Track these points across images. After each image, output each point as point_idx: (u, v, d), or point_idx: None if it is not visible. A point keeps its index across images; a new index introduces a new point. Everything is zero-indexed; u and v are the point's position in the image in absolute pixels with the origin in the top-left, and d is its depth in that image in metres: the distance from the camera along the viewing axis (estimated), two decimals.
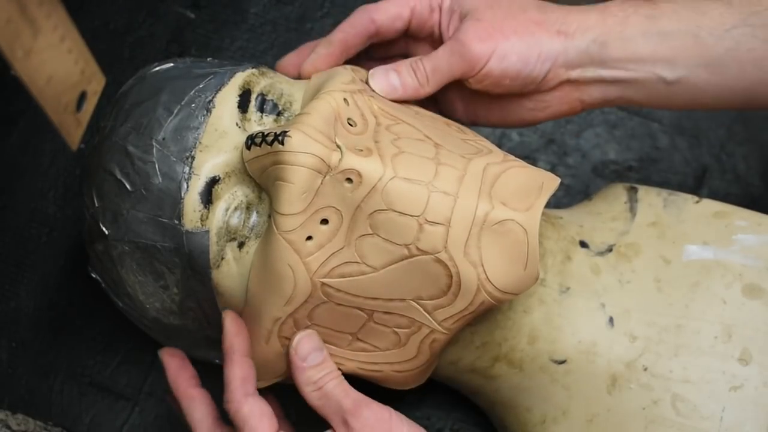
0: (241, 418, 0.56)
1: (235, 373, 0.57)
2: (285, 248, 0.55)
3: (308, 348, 0.58)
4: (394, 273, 0.55)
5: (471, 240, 0.54)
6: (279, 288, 0.56)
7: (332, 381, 0.57)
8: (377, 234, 0.55)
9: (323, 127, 0.55)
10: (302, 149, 0.53)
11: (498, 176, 0.56)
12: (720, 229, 0.63)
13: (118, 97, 0.63)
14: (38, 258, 0.77)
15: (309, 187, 0.54)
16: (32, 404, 0.73)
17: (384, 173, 0.54)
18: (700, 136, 0.79)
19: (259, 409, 0.57)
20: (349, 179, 0.54)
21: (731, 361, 0.60)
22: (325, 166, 0.54)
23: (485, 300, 0.56)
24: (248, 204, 0.58)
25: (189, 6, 0.83)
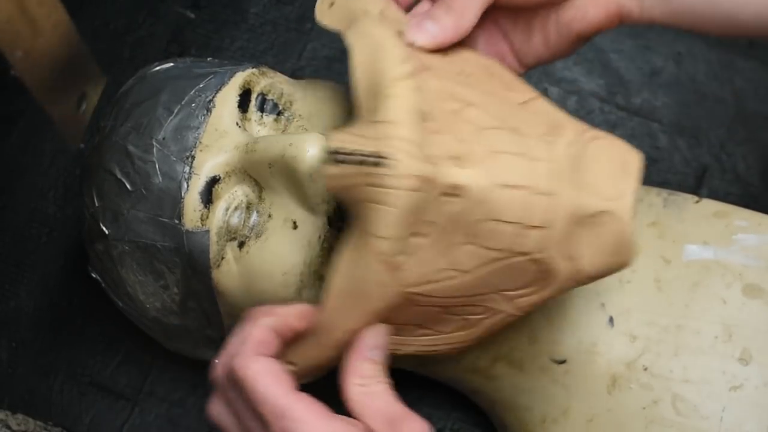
0: (246, 377, 0.50)
1: (254, 333, 0.51)
2: (378, 269, 0.51)
3: (376, 342, 0.53)
4: (484, 273, 0.53)
5: (568, 236, 0.53)
6: (365, 305, 0.53)
7: (382, 385, 0.53)
8: (473, 243, 0.52)
9: (418, 137, 0.50)
10: (407, 172, 0.49)
11: (581, 158, 0.54)
12: (720, 229, 0.63)
13: (118, 97, 0.63)
14: (38, 258, 0.77)
15: (411, 209, 0.50)
16: (32, 404, 0.73)
17: (485, 184, 0.51)
18: (700, 136, 0.79)
19: (273, 368, 0.50)
20: (449, 194, 0.50)
21: (731, 361, 0.60)
22: (429, 187, 0.50)
23: (572, 286, 0.54)
24: (248, 203, 0.58)
25: (189, 6, 0.83)
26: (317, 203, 0.57)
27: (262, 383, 0.49)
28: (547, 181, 0.52)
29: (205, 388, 0.73)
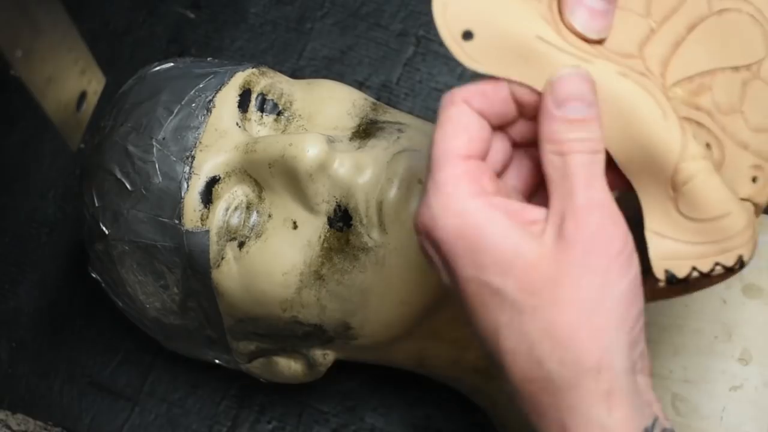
0: (443, 115, 0.43)
1: (485, 83, 0.44)
2: None
3: (570, 91, 0.43)
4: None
5: None
6: None
7: (584, 155, 0.42)
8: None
9: (752, 219, 0.45)
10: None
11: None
12: None
13: (118, 97, 0.63)
14: (38, 258, 0.77)
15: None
16: (32, 404, 0.73)
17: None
18: None
19: (466, 121, 0.43)
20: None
21: (731, 361, 0.60)
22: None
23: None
24: (248, 204, 0.58)
25: (189, 6, 0.83)
26: (317, 203, 0.57)
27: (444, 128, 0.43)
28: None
29: (205, 388, 0.73)
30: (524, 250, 0.41)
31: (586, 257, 0.41)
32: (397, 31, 0.81)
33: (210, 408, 0.72)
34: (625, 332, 0.41)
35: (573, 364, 0.41)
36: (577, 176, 0.42)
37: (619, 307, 0.41)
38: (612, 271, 0.41)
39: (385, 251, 0.56)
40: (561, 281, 0.41)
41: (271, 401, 0.72)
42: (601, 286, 0.41)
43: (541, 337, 0.41)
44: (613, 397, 0.41)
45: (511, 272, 0.41)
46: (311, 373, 0.65)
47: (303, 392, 0.71)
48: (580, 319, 0.41)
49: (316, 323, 0.60)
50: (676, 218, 0.44)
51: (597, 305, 0.41)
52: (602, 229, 0.41)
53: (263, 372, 0.66)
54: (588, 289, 0.41)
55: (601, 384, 0.41)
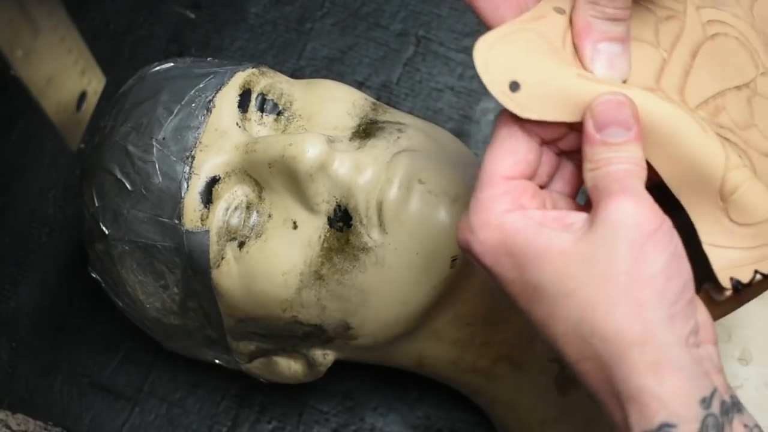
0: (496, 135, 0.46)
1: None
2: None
3: (609, 116, 0.44)
4: None
5: None
6: None
7: (622, 165, 0.44)
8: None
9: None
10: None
11: None
12: None
13: (118, 97, 0.63)
14: (38, 258, 0.77)
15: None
16: (32, 404, 0.73)
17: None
18: None
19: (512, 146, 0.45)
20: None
21: (731, 361, 0.60)
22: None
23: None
24: (248, 204, 0.58)
25: (189, 6, 0.83)
26: (317, 203, 0.57)
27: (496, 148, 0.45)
28: None
29: (205, 388, 0.73)
30: (556, 241, 0.43)
31: (618, 233, 0.42)
32: (397, 31, 0.81)
33: (210, 408, 0.72)
34: (666, 306, 0.42)
35: (615, 339, 0.42)
36: (615, 179, 0.44)
37: (656, 281, 0.42)
38: (647, 246, 0.42)
39: (385, 251, 0.56)
40: (596, 259, 0.42)
41: (271, 401, 0.72)
42: (636, 261, 0.42)
43: (582, 317, 0.42)
44: (661, 368, 0.42)
45: (547, 264, 0.43)
46: (311, 373, 0.65)
47: (303, 392, 0.71)
48: (617, 293, 0.42)
49: (316, 323, 0.60)
50: (729, 227, 0.46)
51: (632, 279, 0.42)
52: (636, 210, 0.42)
53: (263, 372, 0.66)
54: (623, 263, 0.42)
55: (647, 356, 0.42)
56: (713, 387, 0.43)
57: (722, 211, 0.46)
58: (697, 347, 0.44)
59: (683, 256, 0.43)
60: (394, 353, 0.63)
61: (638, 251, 0.42)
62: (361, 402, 0.72)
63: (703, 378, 0.43)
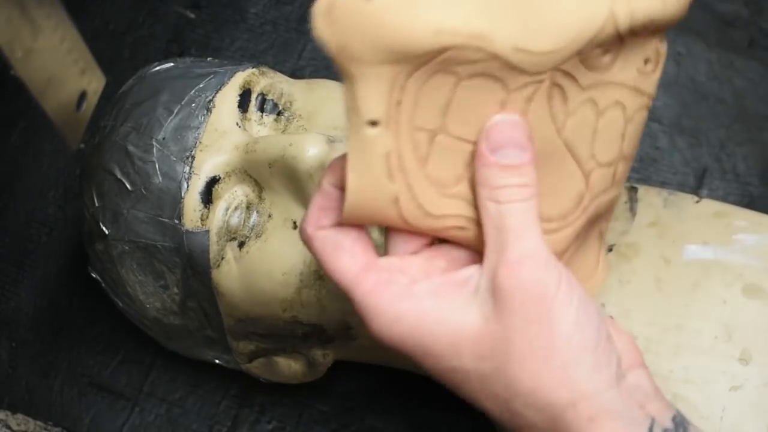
0: (314, 251, 0.46)
1: (315, 199, 0.46)
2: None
3: (506, 138, 0.44)
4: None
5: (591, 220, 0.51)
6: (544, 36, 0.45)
7: (519, 203, 0.43)
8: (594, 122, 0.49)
9: None
10: None
11: None
12: (720, 229, 0.63)
13: (118, 97, 0.63)
14: (38, 258, 0.77)
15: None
16: (32, 404, 0.73)
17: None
18: (700, 136, 0.79)
19: (332, 243, 0.45)
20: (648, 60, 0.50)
21: (731, 361, 0.60)
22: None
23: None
24: (248, 204, 0.58)
25: (189, 6, 0.83)
26: None
27: (326, 260, 0.45)
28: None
29: (205, 388, 0.73)
30: (465, 325, 0.43)
31: (525, 309, 0.42)
32: None
33: (210, 408, 0.72)
34: (588, 357, 0.43)
35: (548, 408, 0.42)
36: (511, 230, 0.43)
37: (572, 339, 0.43)
38: (554, 311, 0.43)
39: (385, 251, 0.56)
40: (509, 338, 0.42)
41: (271, 401, 0.72)
42: (549, 329, 0.42)
43: (510, 394, 0.43)
44: (597, 422, 0.42)
45: (462, 350, 0.43)
46: (311, 373, 0.65)
47: (303, 392, 0.71)
48: (539, 368, 0.42)
49: (316, 323, 0.60)
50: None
51: (550, 349, 0.42)
52: (535, 279, 0.42)
53: (263, 372, 0.66)
54: (537, 338, 0.42)
55: (582, 413, 0.42)
56: (650, 419, 0.43)
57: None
58: (624, 378, 0.44)
59: (584, 295, 0.44)
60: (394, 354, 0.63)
61: (548, 319, 0.42)
62: (361, 402, 0.72)
63: (638, 413, 0.43)
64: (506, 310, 0.42)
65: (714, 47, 0.81)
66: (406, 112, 0.44)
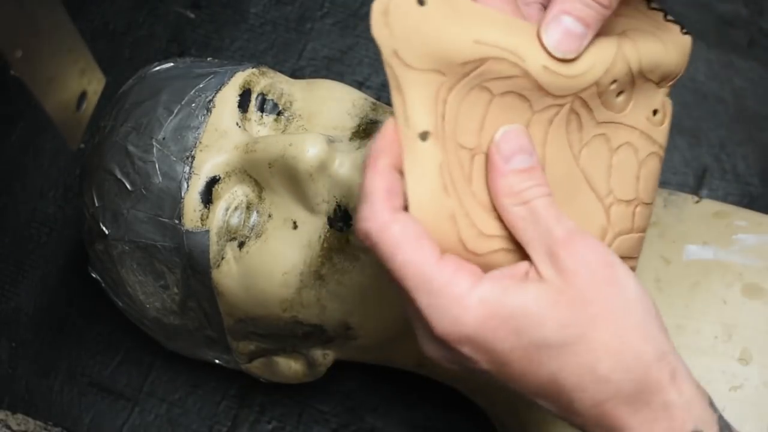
0: (388, 240, 0.43)
1: (377, 183, 0.44)
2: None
3: (515, 146, 0.46)
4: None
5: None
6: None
7: (543, 198, 0.45)
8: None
9: None
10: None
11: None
12: (720, 229, 0.63)
13: (118, 97, 0.63)
14: (38, 258, 0.77)
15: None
16: (32, 404, 0.73)
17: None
18: (700, 136, 0.79)
19: (414, 230, 0.43)
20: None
21: (731, 361, 0.60)
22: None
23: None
24: (248, 203, 0.58)
25: (189, 6, 0.83)
26: (317, 203, 0.57)
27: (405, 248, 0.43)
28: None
29: (205, 388, 0.73)
30: (542, 297, 0.43)
31: (594, 275, 0.44)
32: None
33: (210, 408, 0.72)
34: (655, 318, 0.45)
35: (638, 364, 0.43)
36: (547, 216, 0.45)
37: (641, 302, 0.44)
38: (619, 275, 0.44)
39: None
40: (589, 303, 0.43)
41: (271, 401, 0.72)
42: (621, 291, 0.44)
43: (598, 356, 0.43)
44: (677, 378, 0.44)
45: (545, 319, 0.43)
46: (311, 373, 0.65)
47: (303, 392, 0.71)
48: (624, 325, 0.43)
49: (316, 323, 0.60)
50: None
51: (627, 309, 0.44)
52: (592, 249, 0.44)
53: (263, 372, 0.66)
54: (612, 300, 0.44)
55: (664, 370, 0.43)
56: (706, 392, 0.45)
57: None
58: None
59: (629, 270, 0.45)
60: (394, 353, 0.63)
61: (618, 283, 0.44)
62: (361, 402, 0.72)
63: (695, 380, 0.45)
64: (577, 283, 0.43)
65: (714, 47, 0.81)
66: (450, 127, 0.46)
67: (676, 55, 0.53)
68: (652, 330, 0.44)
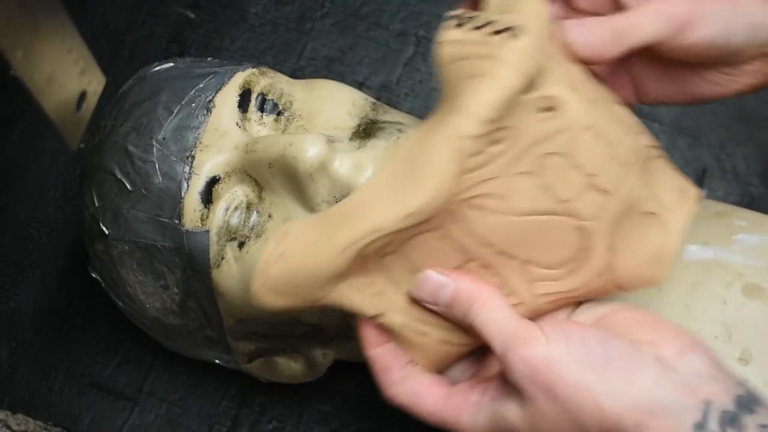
0: (405, 404, 0.54)
1: (375, 367, 0.55)
2: (448, 153, 0.48)
3: (430, 290, 0.52)
4: (529, 224, 0.50)
5: (619, 220, 0.51)
6: (412, 192, 0.48)
7: (486, 309, 0.51)
8: (540, 176, 0.50)
9: (543, 42, 0.49)
10: (528, 55, 0.48)
11: (650, 162, 0.53)
12: (720, 229, 0.63)
13: (118, 97, 0.63)
14: (38, 258, 0.77)
15: (513, 98, 0.48)
16: (32, 404, 0.73)
17: (585, 118, 0.50)
18: (700, 136, 0.79)
19: (412, 392, 0.54)
20: (547, 108, 0.49)
21: (731, 361, 0.60)
22: (531, 84, 0.48)
23: (596, 288, 0.53)
24: (248, 204, 0.58)
25: (189, 6, 0.83)
26: (317, 203, 0.57)
27: (416, 410, 0.53)
28: (631, 157, 0.51)
29: (205, 388, 0.73)
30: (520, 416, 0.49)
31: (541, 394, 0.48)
32: (397, 31, 0.81)
33: (210, 408, 0.72)
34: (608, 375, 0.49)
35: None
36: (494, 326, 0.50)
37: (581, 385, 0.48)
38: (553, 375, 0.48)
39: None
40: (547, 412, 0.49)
41: (271, 401, 0.72)
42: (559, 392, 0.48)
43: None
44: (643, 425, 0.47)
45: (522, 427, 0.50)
46: (311, 373, 0.65)
47: (303, 392, 0.71)
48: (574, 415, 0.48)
49: (315, 323, 0.60)
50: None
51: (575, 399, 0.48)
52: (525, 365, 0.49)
53: (263, 372, 0.66)
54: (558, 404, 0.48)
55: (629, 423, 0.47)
56: (704, 403, 0.45)
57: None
58: (674, 368, 0.47)
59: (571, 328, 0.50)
60: None
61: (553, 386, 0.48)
62: (361, 402, 0.72)
63: (689, 400, 0.46)
64: (537, 404, 0.48)
65: None
66: (389, 291, 0.52)
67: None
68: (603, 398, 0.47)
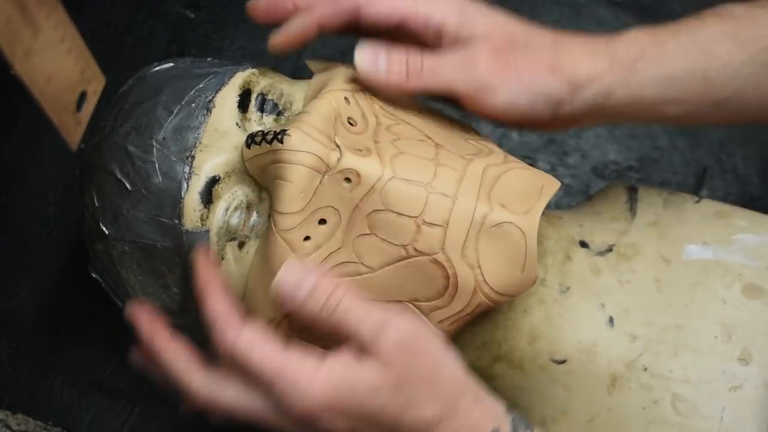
0: (240, 352, 0.52)
1: (218, 307, 0.54)
2: (283, 248, 0.55)
3: (294, 276, 0.53)
4: (391, 273, 0.55)
5: (469, 242, 0.54)
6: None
7: (344, 300, 0.52)
8: (375, 234, 0.55)
9: (323, 126, 0.55)
10: (301, 148, 0.54)
11: (498, 177, 0.56)
12: (720, 229, 0.63)
13: (118, 97, 0.63)
14: (38, 258, 0.77)
15: (307, 186, 0.54)
16: (32, 404, 0.74)
17: (383, 173, 0.54)
18: (700, 136, 0.79)
19: (260, 335, 0.52)
20: (348, 179, 0.54)
21: (731, 361, 0.60)
22: (323, 165, 0.54)
23: (482, 302, 0.56)
24: (248, 204, 0.58)
25: (189, 6, 0.83)
26: None
27: (254, 353, 0.52)
28: (450, 185, 0.54)
29: None
30: (373, 375, 0.51)
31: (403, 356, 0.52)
32: None
33: None
34: (456, 361, 0.54)
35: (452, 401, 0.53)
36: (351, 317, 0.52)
37: (442, 357, 0.53)
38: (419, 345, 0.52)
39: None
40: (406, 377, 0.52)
41: None
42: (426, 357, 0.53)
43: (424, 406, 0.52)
44: (479, 400, 0.54)
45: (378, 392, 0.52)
46: None
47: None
48: (434, 381, 0.53)
49: None
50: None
51: (434, 366, 0.53)
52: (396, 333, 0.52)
53: None
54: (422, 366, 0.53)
55: (469, 396, 0.54)
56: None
57: None
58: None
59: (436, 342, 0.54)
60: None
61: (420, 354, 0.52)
62: None
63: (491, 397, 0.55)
64: (393, 364, 0.51)
65: None
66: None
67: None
68: (456, 372, 0.53)
